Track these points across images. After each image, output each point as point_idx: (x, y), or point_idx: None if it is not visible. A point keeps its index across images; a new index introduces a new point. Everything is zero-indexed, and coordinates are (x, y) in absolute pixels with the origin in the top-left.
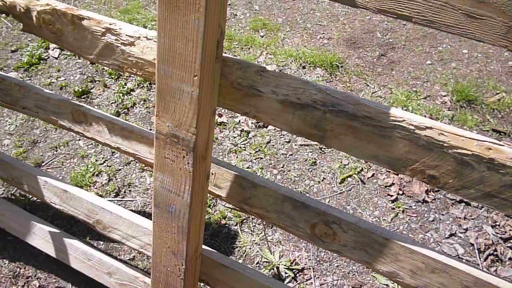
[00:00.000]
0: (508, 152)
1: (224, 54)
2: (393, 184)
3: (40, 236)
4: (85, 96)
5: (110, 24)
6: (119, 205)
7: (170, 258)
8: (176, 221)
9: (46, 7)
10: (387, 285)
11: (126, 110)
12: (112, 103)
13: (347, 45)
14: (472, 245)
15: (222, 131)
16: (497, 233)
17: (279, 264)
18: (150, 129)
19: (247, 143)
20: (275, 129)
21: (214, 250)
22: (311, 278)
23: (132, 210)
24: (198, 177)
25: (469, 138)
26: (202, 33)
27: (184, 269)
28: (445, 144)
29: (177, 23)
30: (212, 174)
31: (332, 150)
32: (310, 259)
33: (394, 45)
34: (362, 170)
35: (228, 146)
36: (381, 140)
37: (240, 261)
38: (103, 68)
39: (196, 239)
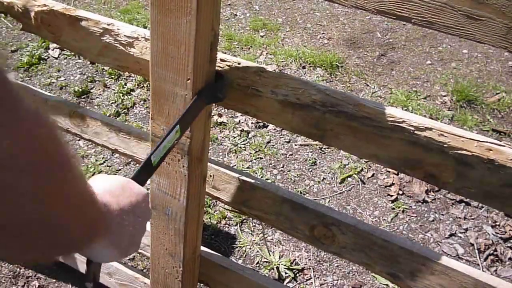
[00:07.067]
0: (508, 153)
1: (223, 54)
2: (393, 184)
3: None
4: (85, 96)
5: (108, 24)
6: None
7: (168, 260)
8: (173, 223)
9: (44, 8)
10: (387, 285)
11: (126, 110)
12: (112, 103)
13: (347, 45)
14: (472, 245)
15: (222, 131)
16: (497, 233)
17: (279, 264)
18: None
19: (247, 143)
20: (275, 129)
21: (213, 252)
22: (311, 278)
23: None
24: (194, 180)
25: (469, 139)
26: (194, 36)
27: (182, 271)
28: (445, 145)
29: (169, 26)
30: (210, 176)
31: (332, 150)
32: (310, 259)
33: (394, 45)
34: (362, 170)
35: (228, 146)
36: (381, 140)
37: (240, 261)
38: (103, 68)
39: (193, 241)
